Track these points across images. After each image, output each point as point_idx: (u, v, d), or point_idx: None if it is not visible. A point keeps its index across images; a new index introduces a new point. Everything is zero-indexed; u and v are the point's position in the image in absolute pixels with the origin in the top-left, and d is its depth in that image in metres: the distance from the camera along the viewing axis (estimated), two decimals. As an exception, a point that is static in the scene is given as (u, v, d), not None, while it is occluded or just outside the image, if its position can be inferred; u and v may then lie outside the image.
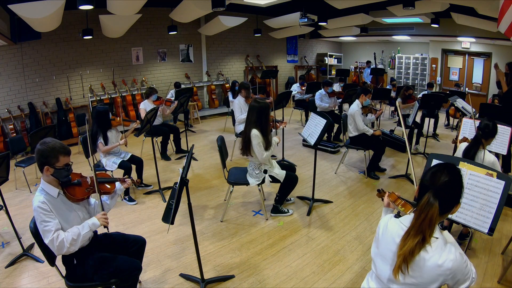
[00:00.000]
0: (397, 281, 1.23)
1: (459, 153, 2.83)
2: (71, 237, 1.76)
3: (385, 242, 1.33)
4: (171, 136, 5.43)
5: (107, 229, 1.96)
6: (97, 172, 2.03)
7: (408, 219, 1.29)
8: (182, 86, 7.62)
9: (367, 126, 4.47)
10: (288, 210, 3.52)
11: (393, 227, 1.32)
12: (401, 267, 1.19)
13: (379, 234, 1.38)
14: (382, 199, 1.60)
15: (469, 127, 3.48)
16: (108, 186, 2.11)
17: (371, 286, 1.43)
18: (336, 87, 7.25)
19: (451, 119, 7.50)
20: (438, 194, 1.17)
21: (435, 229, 1.20)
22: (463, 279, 1.20)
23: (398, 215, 1.36)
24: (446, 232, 1.33)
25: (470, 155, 2.63)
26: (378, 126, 6.54)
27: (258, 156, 3.12)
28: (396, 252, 1.23)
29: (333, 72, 11.44)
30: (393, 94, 7.59)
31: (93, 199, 2.14)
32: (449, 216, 1.78)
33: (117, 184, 2.18)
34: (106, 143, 3.66)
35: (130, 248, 2.13)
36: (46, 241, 1.72)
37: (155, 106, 4.70)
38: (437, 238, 1.20)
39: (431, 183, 1.20)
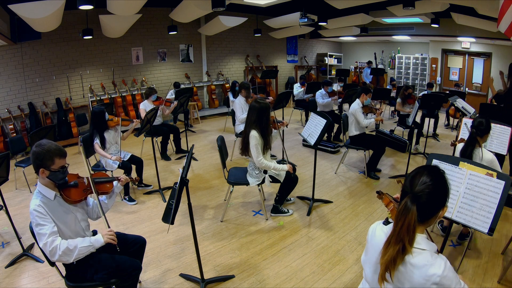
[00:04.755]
0: None
1: (456, 154, 2.83)
2: (66, 246, 1.72)
3: (372, 249, 1.29)
4: (171, 136, 5.43)
5: (117, 248, 1.88)
6: (95, 172, 2.02)
7: (391, 227, 1.22)
8: (182, 86, 7.63)
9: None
10: (288, 210, 3.52)
11: (379, 234, 1.27)
12: (384, 276, 1.13)
13: (368, 241, 1.34)
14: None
15: (468, 127, 3.47)
16: (107, 186, 2.09)
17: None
18: (336, 87, 7.26)
19: (451, 119, 7.50)
20: (415, 199, 1.10)
21: (416, 237, 1.13)
22: None
23: (386, 222, 1.31)
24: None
25: (466, 154, 2.64)
26: (379, 126, 6.53)
27: (254, 158, 3.12)
28: (379, 257, 1.18)
29: (333, 72, 11.43)
30: (393, 94, 7.59)
31: (92, 199, 2.13)
32: (449, 216, 1.80)
33: (115, 183, 2.15)
34: (103, 144, 3.65)
35: (130, 248, 2.13)
36: (40, 244, 1.71)
37: (154, 106, 4.70)
38: (424, 249, 1.12)
39: (410, 188, 1.14)
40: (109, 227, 1.93)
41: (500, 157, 3.49)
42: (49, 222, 1.72)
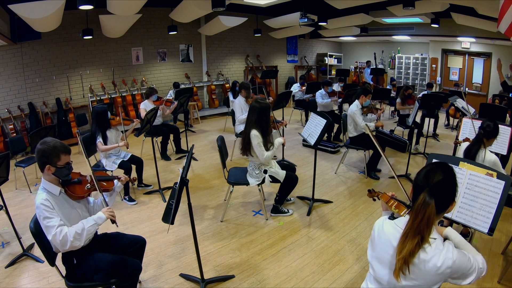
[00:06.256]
0: (398, 283, 1.22)
1: (460, 153, 2.83)
2: (75, 231, 1.76)
3: (382, 245, 1.31)
4: (171, 136, 5.43)
5: (116, 224, 1.95)
6: (95, 171, 2.04)
7: (403, 221, 1.27)
8: (182, 86, 7.63)
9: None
10: (288, 210, 3.52)
11: (388, 230, 1.29)
12: (402, 269, 1.17)
13: (374, 237, 1.36)
14: (374, 199, 1.59)
15: (469, 127, 3.48)
16: (108, 184, 2.13)
17: (370, 287, 1.42)
18: (336, 87, 7.26)
19: (451, 119, 7.51)
20: (433, 193, 1.16)
21: (433, 229, 1.19)
22: (466, 274, 1.19)
23: (392, 217, 1.33)
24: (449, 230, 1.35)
25: (471, 155, 2.63)
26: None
27: (259, 157, 3.12)
28: (394, 255, 1.21)
29: (333, 72, 11.43)
30: (393, 94, 7.60)
31: (92, 198, 2.15)
32: (449, 216, 1.80)
33: (115, 181, 2.19)
34: (105, 142, 3.65)
35: (130, 248, 2.13)
36: (50, 237, 1.72)
37: (155, 106, 4.70)
38: (435, 238, 1.19)
39: (425, 183, 1.19)
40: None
41: (503, 158, 3.50)
42: (56, 215, 1.75)
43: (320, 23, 7.82)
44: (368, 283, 1.44)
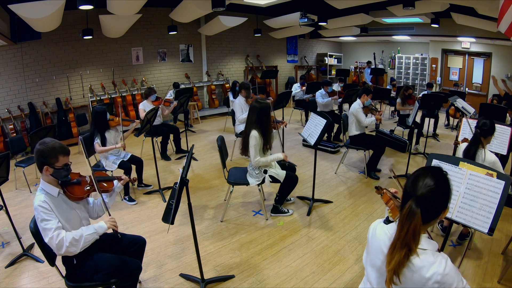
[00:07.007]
0: None
1: (459, 153, 2.83)
2: (72, 237, 1.74)
3: (373, 249, 1.28)
4: (171, 136, 5.43)
5: (118, 234, 1.93)
6: (95, 172, 2.04)
7: (393, 227, 1.22)
8: (182, 86, 7.63)
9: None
10: (288, 210, 3.52)
11: (380, 235, 1.26)
12: (393, 280, 1.13)
13: (368, 240, 1.34)
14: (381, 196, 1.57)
15: (469, 127, 3.48)
16: (106, 185, 2.13)
17: None
18: (336, 87, 7.26)
19: (451, 119, 7.50)
20: (420, 202, 1.08)
21: (421, 239, 1.13)
22: None
23: (387, 220, 1.29)
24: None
25: (470, 155, 2.63)
26: (379, 126, 6.53)
27: (251, 158, 3.12)
28: (385, 261, 1.17)
29: (333, 72, 11.44)
30: (393, 94, 7.59)
31: (91, 199, 2.15)
32: (449, 216, 1.80)
33: (115, 182, 2.19)
34: (104, 143, 3.64)
35: (130, 248, 2.13)
36: (46, 239, 1.71)
37: (154, 106, 4.70)
38: (425, 249, 1.12)
39: (412, 190, 1.11)
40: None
41: (503, 158, 3.50)
42: (54, 217, 1.74)
43: (320, 23, 7.83)
44: (364, 285, 1.44)
